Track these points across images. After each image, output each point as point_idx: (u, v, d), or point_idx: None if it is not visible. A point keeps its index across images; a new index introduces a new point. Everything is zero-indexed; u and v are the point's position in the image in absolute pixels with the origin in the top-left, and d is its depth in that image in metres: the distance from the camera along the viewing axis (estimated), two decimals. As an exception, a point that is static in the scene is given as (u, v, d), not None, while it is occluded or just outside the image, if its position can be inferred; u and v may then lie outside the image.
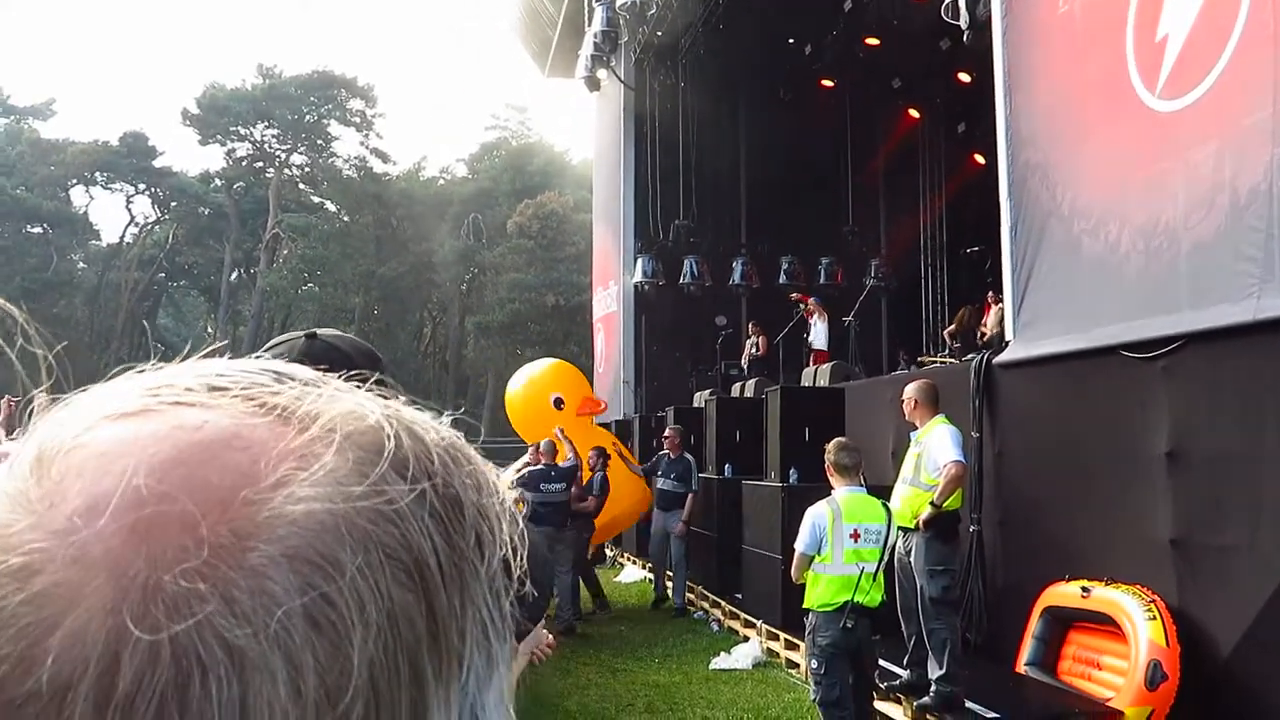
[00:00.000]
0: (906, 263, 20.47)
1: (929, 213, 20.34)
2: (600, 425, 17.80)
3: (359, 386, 0.47)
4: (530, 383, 12.58)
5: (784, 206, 20.05)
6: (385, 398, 0.47)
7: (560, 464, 10.35)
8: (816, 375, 12.73)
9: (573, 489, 10.16)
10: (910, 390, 6.41)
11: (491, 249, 45.94)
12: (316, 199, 53.63)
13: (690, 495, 10.60)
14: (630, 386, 19.83)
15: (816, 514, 5.36)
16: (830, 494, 5.51)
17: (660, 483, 10.89)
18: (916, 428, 6.31)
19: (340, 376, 0.48)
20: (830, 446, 5.46)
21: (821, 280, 19.92)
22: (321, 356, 1.52)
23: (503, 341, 44.89)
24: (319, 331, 1.69)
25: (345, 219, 53.26)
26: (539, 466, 10.07)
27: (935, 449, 6.07)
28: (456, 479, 0.44)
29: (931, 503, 5.98)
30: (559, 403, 12.16)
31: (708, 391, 14.47)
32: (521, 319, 43.40)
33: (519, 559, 0.46)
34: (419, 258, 48.53)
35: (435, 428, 0.45)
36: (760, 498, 8.96)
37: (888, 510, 5.42)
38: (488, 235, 47.66)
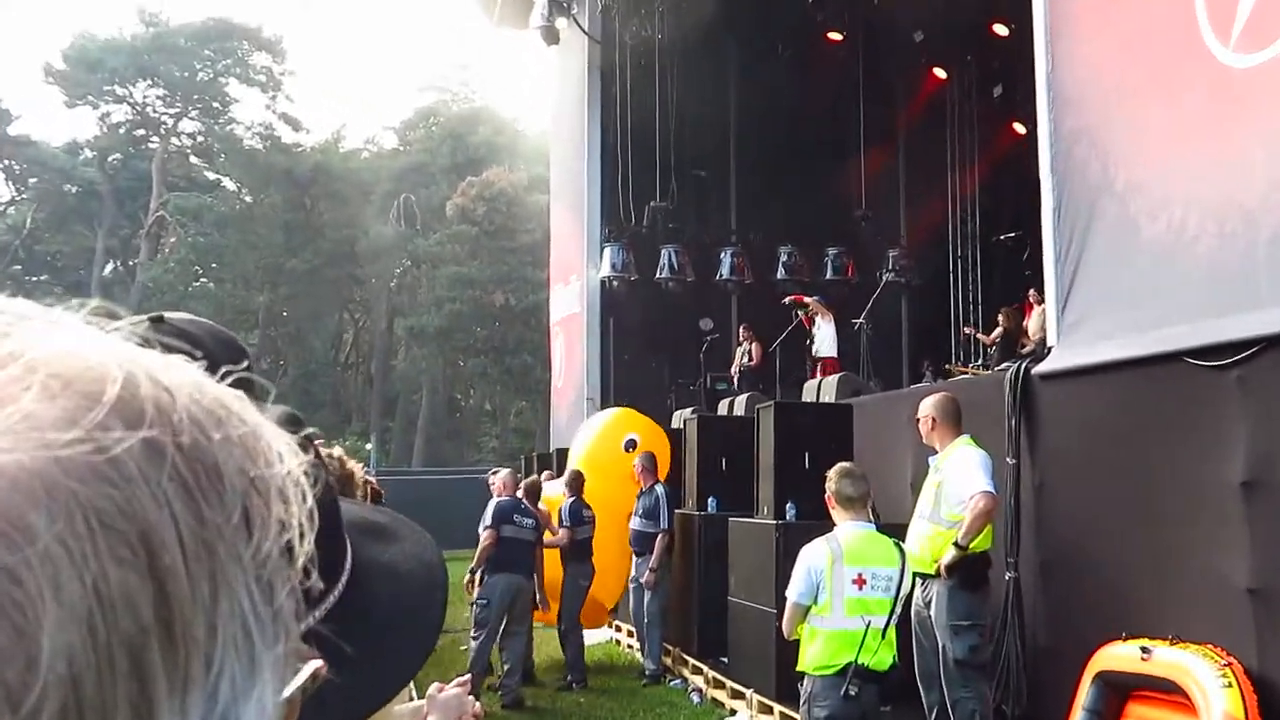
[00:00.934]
0: (931, 253, 20.58)
1: (958, 193, 20.48)
2: (559, 450, 17.80)
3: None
4: (600, 436, 12.67)
5: (783, 186, 20.12)
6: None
7: (529, 504, 10.34)
8: (820, 389, 12.71)
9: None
10: (927, 406, 6.38)
11: (427, 236, 45.87)
12: (211, 175, 53.35)
13: (661, 535, 10.55)
14: (595, 404, 19.77)
15: (812, 555, 5.32)
16: (830, 531, 5.47)
17: (631, 522, 10.89)
18: (936, 451, 6.29)
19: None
20: (832, 473, 5.44)
21: (828, 275, 19.99)
22: (167, 346, 1.45)
23: (440, 349, 44.83)
24: (168, 316, 1.62)
25: (247, 199, 53.03)
26: (506, 499, 10.07)
27: (959, 477, 6.04)
28: (217, 440, 0.43)
29: (955, 543, 5.95)
30: (632, 445, 12.20)
31: (689, 410, 14.44)
32: (463, 322, 43.36)
33: (304, 544, 0.45)
34: (338, 247, 48.36)
35: (197, 379, 0.44)
36: (750, 538, 8.92)
37: (901, 551, 5.37)
38: (422, 220, 47.57)
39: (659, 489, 10.74)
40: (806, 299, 16.42)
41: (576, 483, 11.29)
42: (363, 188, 49.85)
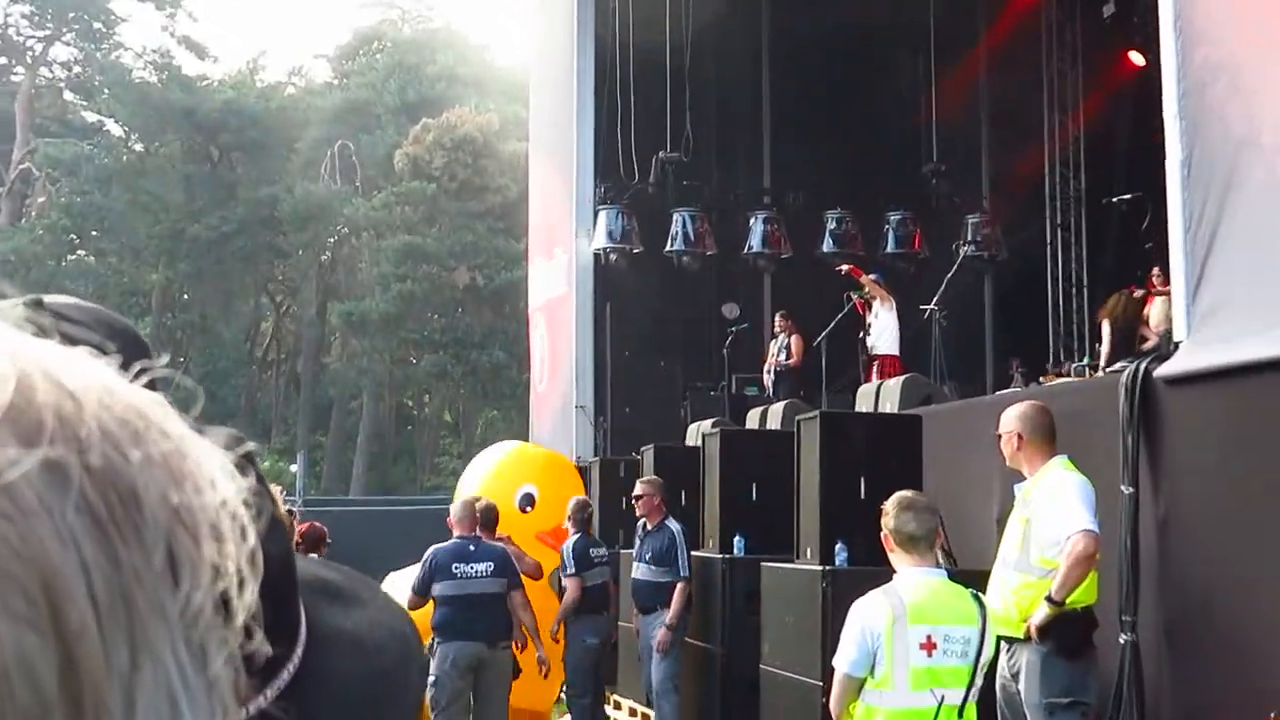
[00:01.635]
0: (1022, 220, 20.59)
1: (1058, 142, 20.49)
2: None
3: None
4: (485, 490, 12.80)
5: (831, 132, 20.11)
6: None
7: (486, 538, 10.37)
8: (880, 395, 12.72)
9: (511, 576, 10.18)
10: (1011, 420, 6.40)
11: (369, 196, 45.95)
12: (92, 116, 53.44)
13: (679, 586, 10.60)
14: (587, 413, 19.79)
15: (868, 613, 5.33)
16: (890, 581, 5.48)
17: (634, 569, 10.92)
18: (1024, 478, 6.30)
19: None
20: (889, 505, 5.45)
21: (888, 247, 19.99)
22: (69, 336, 1.47)
23: (386, 343, 44.91)
24: (48, 299, 1.63)
25: (137, 148, 53.11)
26: (452, 542, 10.08)
27: (1052, 511, 6.05)
28: (135, 460, 0.42)
29: (1048, 597, 5.97)
30: (528, 502, 12.51)
31: (709, 422, 14.47)
32: (416, 307, 43.42)
33: (244, 595, 0.45)
34: (254, 210, 48.44)
35: (107, 381, 0.44)
36: (789, 588, 8.93)
37: (980, 604, 5.38)
38: (363, 175, 47.61)
39: (672, 526, 10.74)
40: (863, 276, 16.45)
41: (583, 515, 11.35)
42: (286, 134, 49.91)
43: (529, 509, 12.69)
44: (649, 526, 10.84)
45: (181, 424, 0.49)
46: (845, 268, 16.87)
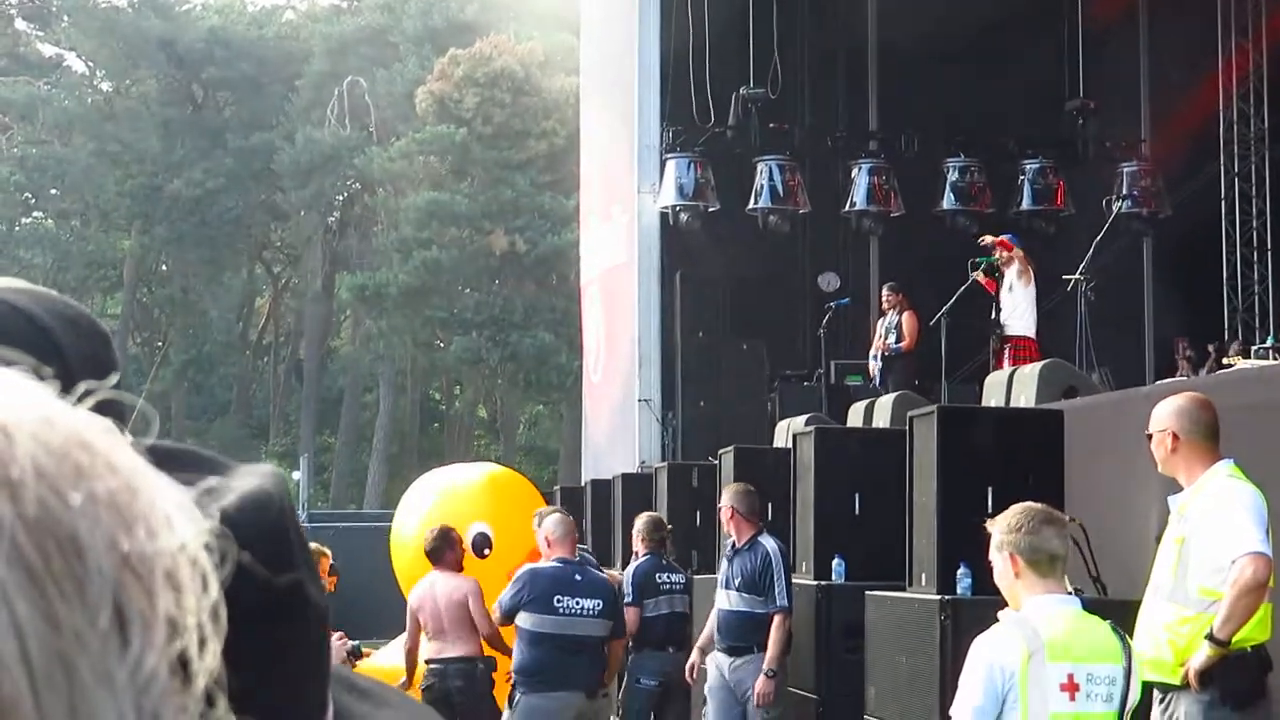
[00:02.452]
0: (1191, 167, 20.41)
1: (1235, 72, 20.30)
2: (596, 482, 17.92)
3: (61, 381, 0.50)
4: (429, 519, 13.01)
5: (951, 63, 20.05)
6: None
7: (588, 563, 10.45)
8: (1013, 385, 12.72)
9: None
10: (1164, 415, 6.40)
11: (385, 145, 46.14)
12: (50, 49, 53.96)
13: (777, 619, 10.47)
14: (653, 408, 19.89)
15: (996, 650, 5.38)
16: (1020, 612, 5.53)
17: (720, 598, 10.77)
18: (1180, 487, 6.31)
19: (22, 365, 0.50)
20: (1016, 519, 5.47)
21: (1023, 203, 19.95)
22: None
23: (407, 322, 45.15)
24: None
25: (105, 88, 53.59)
26: (554, 564, 9.99)
27: (1214, 530, 6.06)
28: (76, 503, 0.44)
29: (1209, 635, 5.98)
30: (482, 544, 12.63)
31: (803, 419, 14.51)
32: (444, 280, 43.58)
33: (205, 653, 0.46)
34: (246, 162, 48.85)
35: (44, 409, 0.46)
36: (901, 622, 8.95)
37: (1123, 641, 5.43)
38: (378, 119, 47.77)
39: (767, 544, 10.42)
40: (992, 242, 16.33)
41: (657, 534, 11.38)
42: (284, 69, 50.20)
43: (487, 552, 12.69)
44: (737, 545, 10.57)
45: (133, 454, 0.50)
46: (988, 239, 16.65)
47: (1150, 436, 6.46)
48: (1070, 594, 5.52)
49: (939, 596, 8.41)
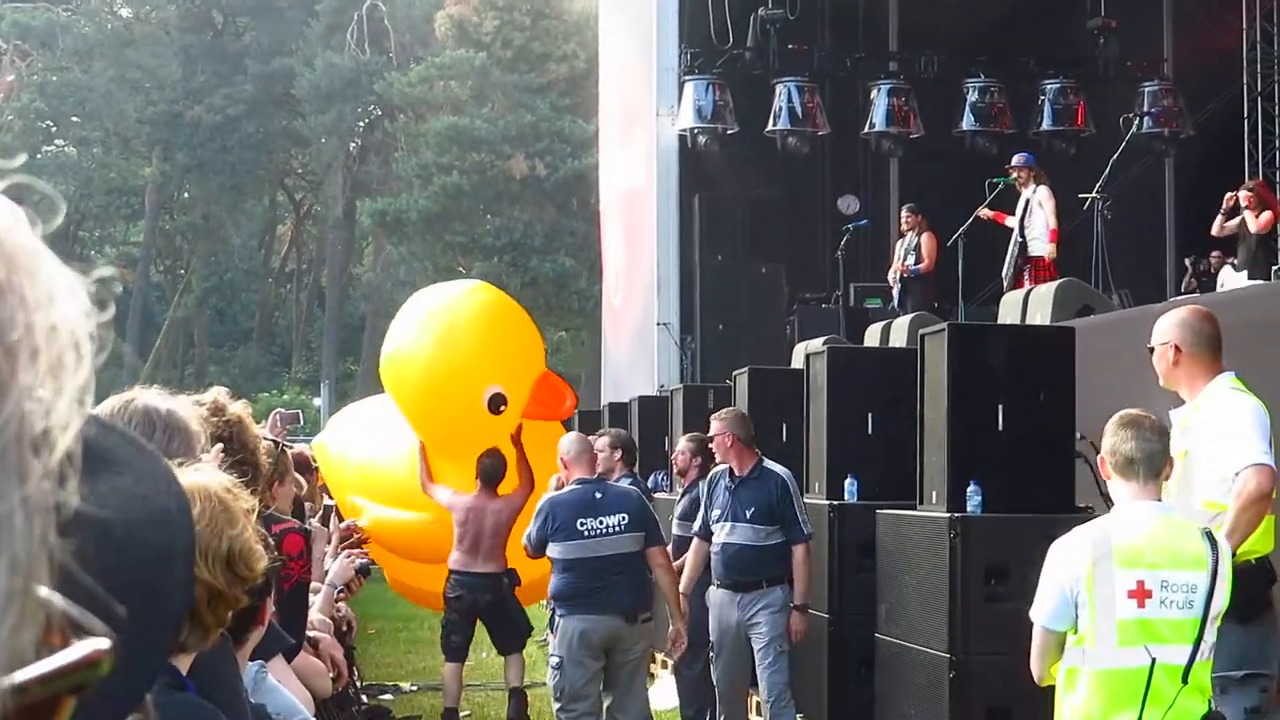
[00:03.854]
0: (1213, 88, 20.32)
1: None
2: (613, 405, 17.97)
3: None
4: (439, 346, 13.03)
5: (970, -20, 19.96)
6: None
7: (609, 477, 10.48)
8: (1028, 304, 12.72)
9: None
10: (1166, 328, 6.37)
11: (405, 70, 46.07)
12: (68, -24, 53.85)
13: (799, 549, 9.95)
14: (672, 332, 19.93)
15: (1066, 554, 5.34)
16: (1099, 518, 5.52)
17: (723, 531, 10.42)
18: (1183, 402, 6.31)
19: None
20: (1111, 425, 5.45)
21: (1044, 123, 19.87)
22: None
23: (428, 248, 45.24)
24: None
25: (125, 14, 53.51)
26: (571, 489, 9.80)
27: (1217, 443, 6.03)
28: None
29: (1215, 548, 6.00)
30: (498, 402, 12.52)
31: (820, 340, 14.52)
32: (464, 204, 43.60)
33: (65, 434, 0.48)
34: (266, 88, 48.81)
35: None
36: (911, 541, 8.97)
37: (1214, 546, 5.37)
38: (397, 43, 47.69)
39: (777, 469, 10.09)
40: (1018, 163, 16.21)
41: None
42: (303, -8, 50.09)
43: (502, 408, 12.56)
44: (736, 474, 10.08)
45: (31, 237, 0.51)
46: (985, 213, 16.41)
47: (1152, 350, 6.45)
48: (1160, 501, 5.45)
49: (949, 514, 8.44)
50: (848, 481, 10.49)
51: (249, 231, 54.30)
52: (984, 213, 16.03)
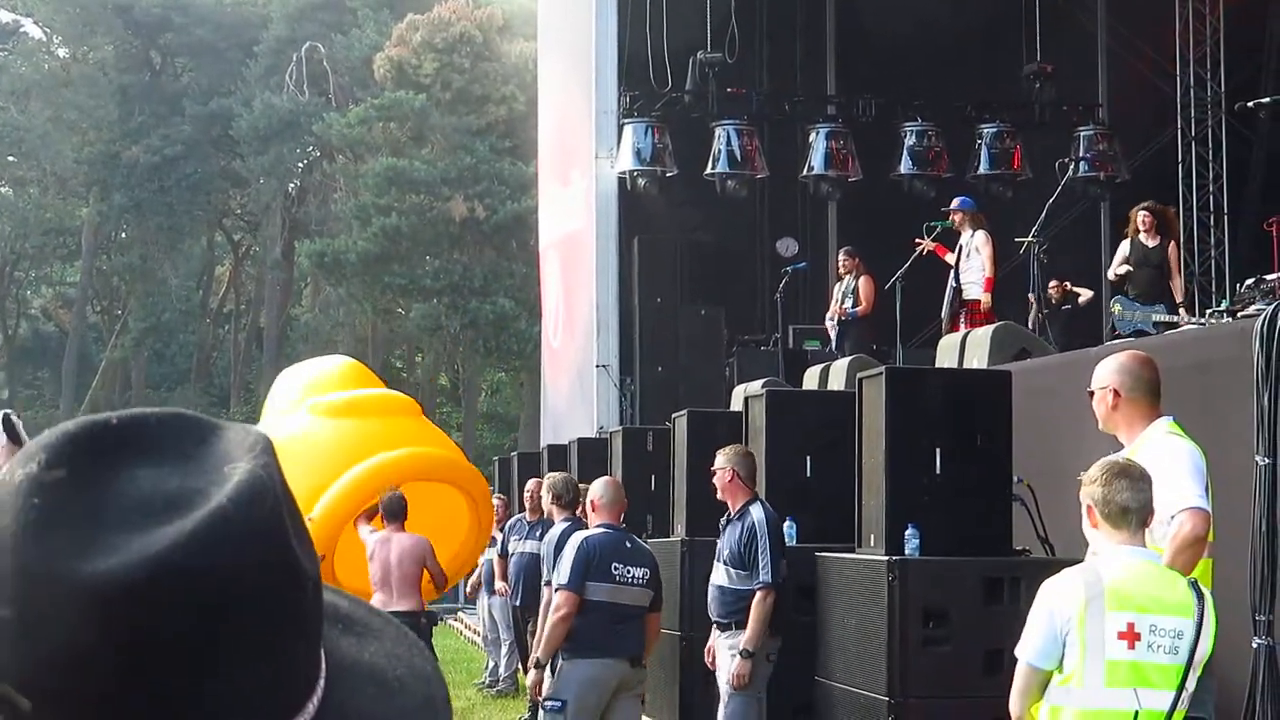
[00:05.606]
0: (1147, 133, 20.46)
1: (1192, 35, 20.33)
2: (552, 447, 17.90)
3: None
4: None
5: (909, 24, 20.03)
6: None
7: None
8: (965, 348, 12.73)
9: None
10: (1106, 373, 6.39)
11: (344, 112, 46.00)
12: (5, 15, 53.58)
13: (758, 595, 9.83)
14: (611, 374, 19.89)
15: (1057, 594, 5.37)
16: (1090, 560, 5.53)
17: (713, 573, 10.27)
18: (1121, 445, 6.32)
19: None
20: (1096, 472, 5.45)
21: (980, 167, 20.00)
22: None
23: (367, 289, 45.09)
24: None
25: (62, 54, 53.24)
26: (606, 532, 9.46)
27: (1153, 485, 6.08)
28: None
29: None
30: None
31: (759, 383, 14.52)
32: (403, 246, 43.50)
33: None
34: (205, 129, 48.61)
35: None
36: (851, 583, 8.98)
37: (1199, 596, 5.40)
38: (336, 84, 47.62)
39: (754, 514, 9.83)
40: (946, 254, 16.16)
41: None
42: (242, 34, 49.98)
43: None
44: (730, 513, 10.02)
45: None
46: (927, 246, 16.37)
47: (1092, 394, 6.46)
48: (1145, 547, 5.49)
49: (887, 558, 8.45)
50: (786, 524, 10.45)
51: (187, 272, 53.98)
52: (925, 245, 16.03)
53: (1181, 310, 14.73)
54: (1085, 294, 15.82)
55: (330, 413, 12.36)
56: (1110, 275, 15.18)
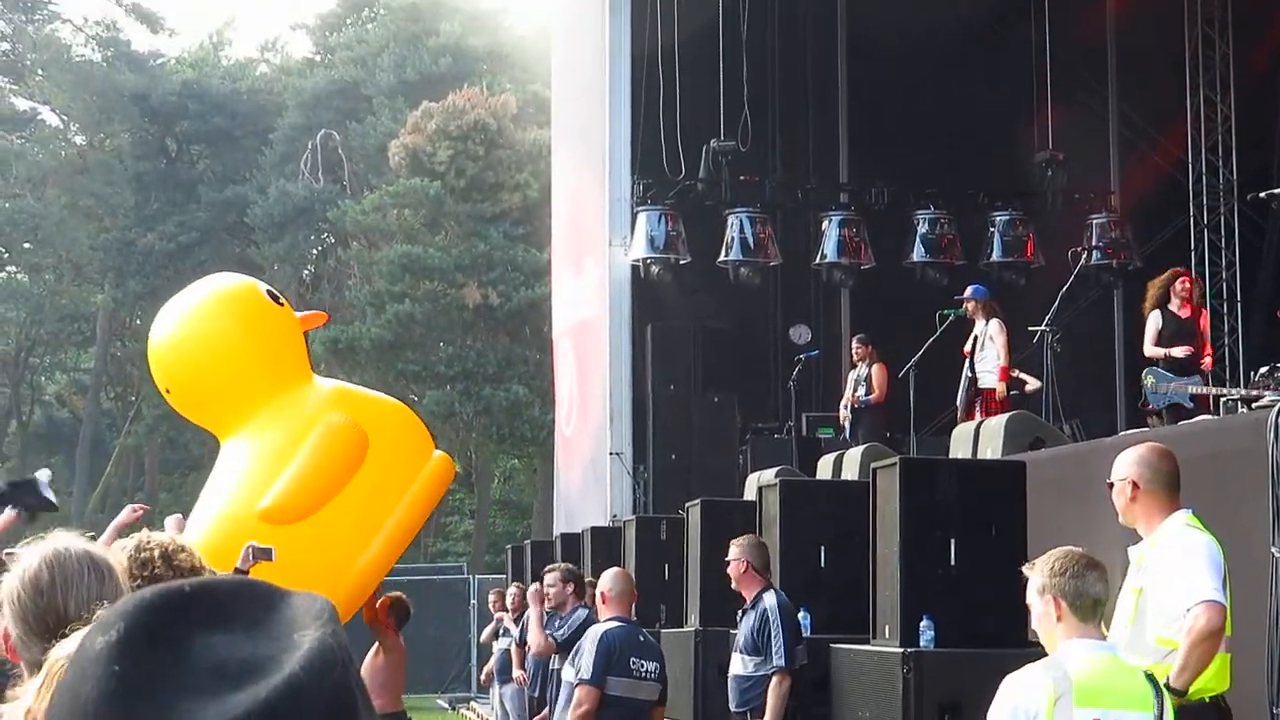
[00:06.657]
0: (1160, 220, 20.50)
1: (1204, 125, 20.41)
2: (565, 536, 17.85)
3: None
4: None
5: (921, 115, 20.14)
6: None
7: (562, 611, 10.51)
8: (979, 438, 12.73)
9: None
10: (1124, 465, 6.40)
11: (359, 199, 46.20)
12: (23, 102, 53.98)
13: (774, 680, 10.00)
14: (624, 461, 19.85)
15: (1023, 690, 5.36)
16: (1053, 655, 5.51)
17: (731, 662, 10.31)
18: (1140, 537, 6.32)
19: None
20: (1060, 563, 5.44)
21: (994, 255, 20.01)
22: None
23: (380, 376, 44.97)
24: None
25: (79, 141, 53.56)
26: (623, 625, 9.29)
27: (1170, 579, 6.05)
28: None
29: (1166, 684, 5.97)
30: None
31: (772, 471, 14.50)
32: (416, 333, 43.55)
33: None
34: (219, 216, 48.83)
35: None
36: (865, 675, 8.95)
37: (1156, 687, 5.40)
38: (351, 171, 47.87)
39: (768, 601, 9.95)
40: (969, 302, 16.22)
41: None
42: (258, 122, 50.27)
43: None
44: (745, 603, 10.13)
45: None
46: (965, 299, 16.28)
47: (1111, 486, 6.46)
48: (1106, 640, 5.49)
49: (901, 649, 8.41)
50: (801, 615, 10.42)
51: (201, 359, 53.98)
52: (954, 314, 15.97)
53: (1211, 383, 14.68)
54: (1033, 383, 15.68)
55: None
56: (1149, 353, 15.04)
